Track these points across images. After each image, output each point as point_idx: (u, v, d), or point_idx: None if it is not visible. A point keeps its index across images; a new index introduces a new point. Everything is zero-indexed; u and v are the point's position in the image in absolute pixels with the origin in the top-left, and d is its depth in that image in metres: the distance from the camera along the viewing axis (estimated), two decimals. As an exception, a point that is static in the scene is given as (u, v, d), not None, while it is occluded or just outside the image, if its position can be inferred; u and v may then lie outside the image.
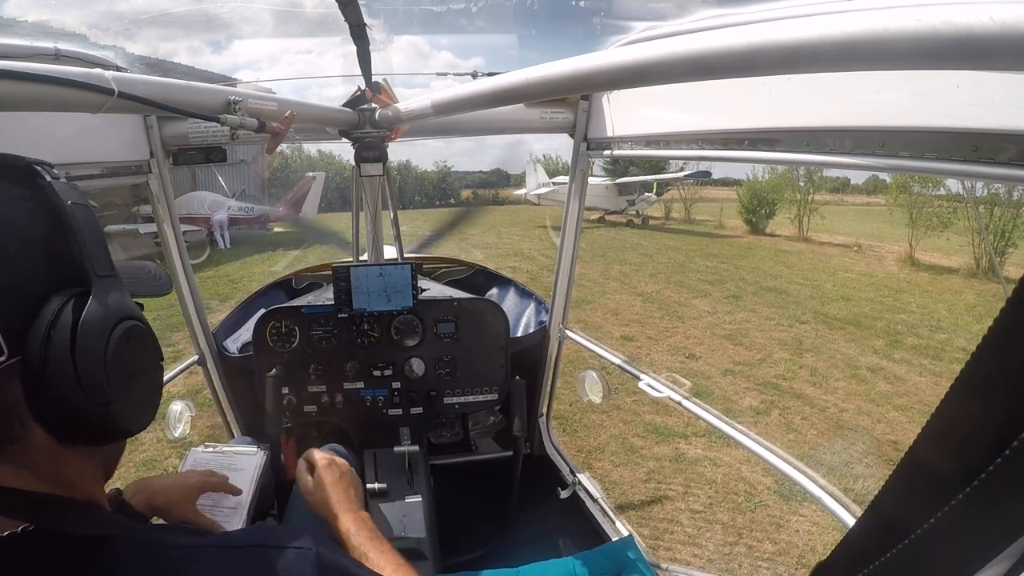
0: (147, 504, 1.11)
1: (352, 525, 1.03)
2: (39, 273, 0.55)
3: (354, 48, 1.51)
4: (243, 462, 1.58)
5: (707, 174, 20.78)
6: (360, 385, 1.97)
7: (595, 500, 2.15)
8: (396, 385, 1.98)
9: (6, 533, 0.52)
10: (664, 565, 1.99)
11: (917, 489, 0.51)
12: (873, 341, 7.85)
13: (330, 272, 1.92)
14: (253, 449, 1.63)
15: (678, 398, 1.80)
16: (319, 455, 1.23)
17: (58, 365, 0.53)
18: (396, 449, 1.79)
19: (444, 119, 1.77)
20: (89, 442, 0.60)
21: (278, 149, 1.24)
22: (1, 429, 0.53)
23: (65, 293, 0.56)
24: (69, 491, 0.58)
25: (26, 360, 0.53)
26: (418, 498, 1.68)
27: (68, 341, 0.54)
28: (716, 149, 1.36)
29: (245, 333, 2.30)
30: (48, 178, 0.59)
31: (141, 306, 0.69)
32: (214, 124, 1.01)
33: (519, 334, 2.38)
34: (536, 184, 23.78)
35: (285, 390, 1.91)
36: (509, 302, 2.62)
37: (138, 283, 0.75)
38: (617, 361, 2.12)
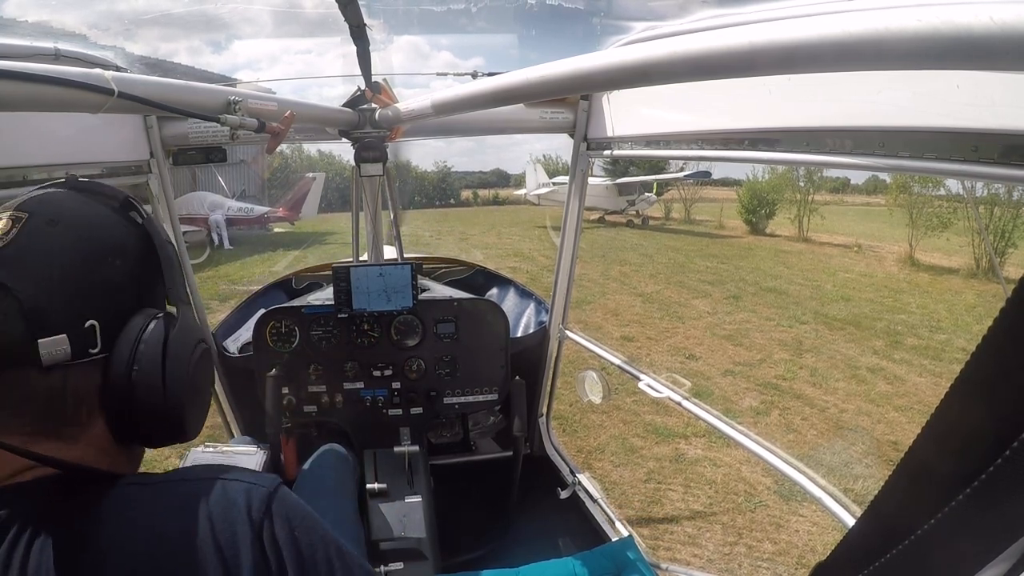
0: None
1: None
2: (131, 289, 0.64)
3: (354, 48, 1.51)
4: (243, 462, 1.58)
5: (707, 174, 20.78)
6: (360, 385, 1.97)
7: (595, 500, 2.15)
8: (396, 385, 1.98)
9: (39, 476, 0.58)
10: (664, 565, 1.99)
11: (917, 489, 0.51)
12: (873, 341, 7.85)
13: (330, 272, 1.92)
14: (253, 449, 1.63)
15: (678, 398, 1.80)
16: None
17: (147, 370, 0.61)
18: (396, 449, 1.79)
19: (444, 119, 1.77)
20: (149, 443, 0.67)
21: (278, 149, 1.24)
22: (69, 411, 0.59)
23: (147, 314, 0.64)
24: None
25: (111, 359, 0.60)
26: (418, 498, 1.68)
27: (160, 352, 0.63)
28: (716, 149, 1.36)
29: (245, 333, 2.30)
30: (144, 215, 0.69)
31: None
32: (214, 124, 1.01)
33: (519, 334, 2.38)
34: (536, 184, 23.79)
35: (285, 390, 1.91)
36: (509, 302, 2.62)
37: None
38: (617, 361, 2.11)
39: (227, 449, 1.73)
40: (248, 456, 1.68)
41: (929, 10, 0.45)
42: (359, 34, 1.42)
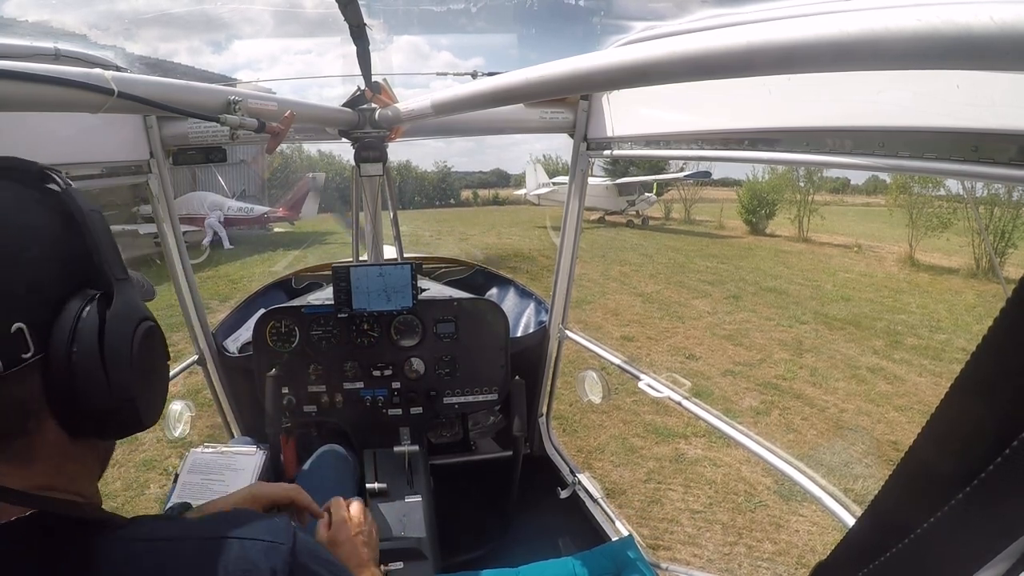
0: None
1: None
2: (58, 275, 0.58)
3: (354, 48, 1.52)
4: (242, 462, 1.58)
5: (707, 174, 20.78)
6: (360, 385, 1.97)
7: (595, 500, 2.15)
8: (396, 385, 1.98)
9: (13, 519, 0.54)
10: (664, 565, 1.99)
11: (917, 489, 0.51)
12: (873, 341, 7.85)
13: (330, 272, 1.92)
14: (252, 449, 1.63)
15: (678, 398, 1.80)
16: (343, 509, 1.14)
17: (86, 362, 0.56)
18: (396, 449, 1.79)
19: (444, 119, 1.77)
20: (104, 436, 0.63)
21: (278, 149, 1.24)
22: (16, 425, 0.54)
23: (83, 295, 0.58)
24: (68, 486, 0.59)
25: (49, 357, 0.55)
26: (418, 498, 1.68)
27: (96, 339, 0.56)
28: (716, 149, 1.36)
29: (245, 333, 2.30)
30: (62, 184, 0.61)
31: None
32: (214, 124, 1.01)
33: (519, 334, 2.38)
34: (536, 184, 23.78)
35: (285, 390, 1.91)
36: (509, 302, 2.62)
37: None
38: (617, 361, 2.11)
39: (227, 450, 1.73)
40: (248, 456, 1.68)
41: (929, 10, 0.45)
42: (359, 34, 1.42)
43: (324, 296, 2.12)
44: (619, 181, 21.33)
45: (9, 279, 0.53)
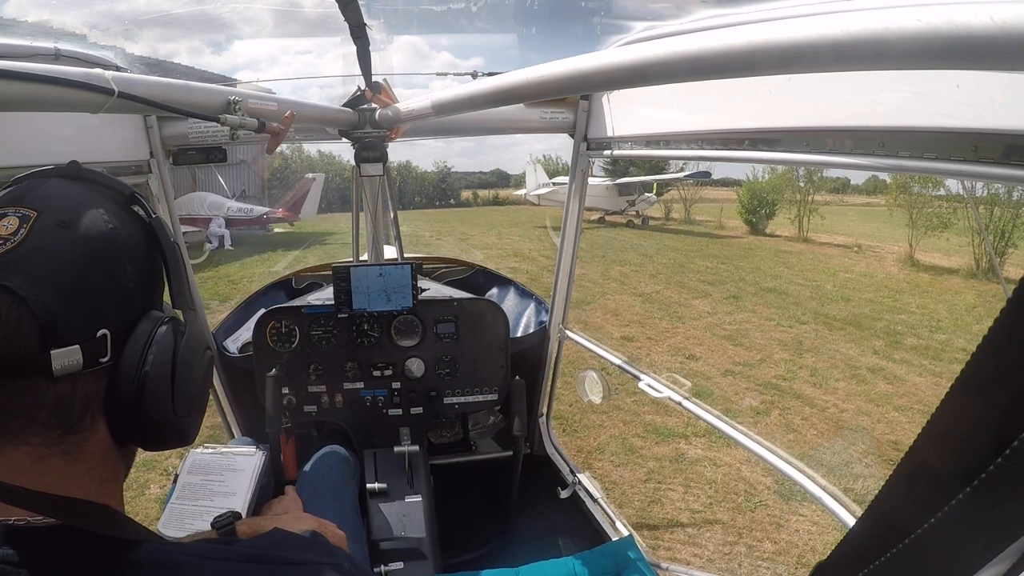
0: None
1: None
2: (139, 294, 0.62)
3: (354, 48, 1.52)
4: (242, 463, 1.58)
5: (707, 174, 20.80)
6: (360, 385, 1.96)
7: (595, 500, 2.15)
8: (396, 385, 1.98)
9: (39, 523, 0.54)
10: (664, 565, 1.99)
11: (917, 489, 0.51)
12: (873, 341, 7.85)
13: (330, 272, 1.92)
14: (252, 450, 1.63)
15: (678, 398, 1.80)
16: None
17: (156, 378, 0.60)
18: (396, 449, 1.79)
19: (444, 119, 1.77)
20: (149, 446, 0.66)
21: (278, 149, 1.24)
22: (76, 417, 0.57)
23: (153, 317, 0.62)
24: (99, 494, 0.61)
25: (119, 365, 0.58)
26: (418, 498, 1.68)
27: (170, 359, 0.61)
28: (716, 149, 1.36)
29: (245, 333, 2.30)
30: (150, 213, 0.67)
31: None
32: (214, 124, 1.01)
33: (519, 334, 2.38)
34: (536, 184, 23.80)
35: (285, 390, 1.91)
36: (509, 302, 2.62)
37: None
38: (617, 361, 2.11)
39: (226, 450, 1.73)
40: (247, 457, 1.67)
41: (929, 10, 0.45)
42: (359, 34, 1.42)
43: (324, 296, 2.12)
44: (619, 181, 21.33)
45: (106, 286, 0.58)
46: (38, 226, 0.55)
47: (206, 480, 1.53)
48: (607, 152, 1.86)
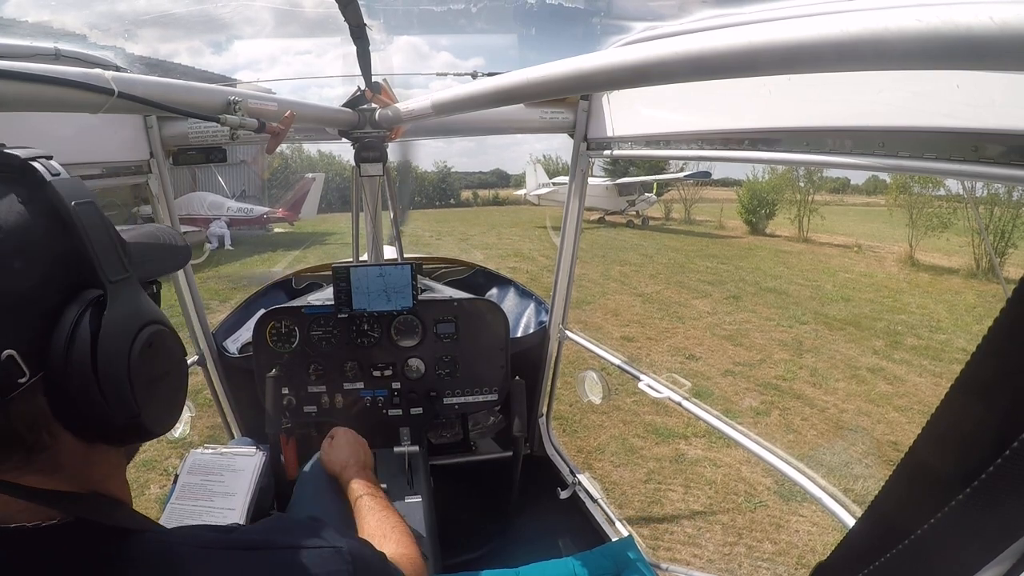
0: None
1: (356, 484, 1.23)
2: (50, 285, 0.52)
3: (354, 48, 1.52)
4: (242, 463, 1.58)
5: (707, 174, 20.81)
6: (360, 385, 1.96)
7: (595, 500, 2.15)
8: (396, 385, 1.98)
9: (48, 523, 0.54)
10: (664, 565, 1.99)
11: (917, 489, 0.51)
12: (873, 342, 7.85)
13: (330, 272, 1.92)
14: (252, 450, 1.63)
15: (678, 399, 1.80)
16: (339, 428, 1.48)
17: (82, 380, 0.52)
18: (396, 449, 1.79)
19: (444, 119, 1.77)
20: (118, 444, 0.61)
21: (278, 149, 1.24)
22: (31, 440, 0.52)
23: (81, 300, 0.53)
24: (99, 486, 0.59)
25: (49, 375, 0.51)
26: (418, 498, 1.68)
27: (89, 356, 0.52)
28: (716, 149, 1.36)
29: (245, 333, 2.30)
30: (48, 175, 0.55)
31: (158, 286, 0.69)
32: (214, 124, 1.01)
33: (519, 334, 2.38)
34: (536, 184, 23.82)
35: (285, 390, 1.91)
36: (509, 302, 2.62)
37: (154, 260, 0.72)
38: (617, 362, 2.11)
39: (226, 450, 1.73)
40: (247, 458, 1.68)
41: (929, 10, 0.45)
42: (359, 34, 1.42)
43: (324, 296, 2.12)
44: (619, 181, 21.35)
45: None
46: None
47: (206, 480, 1.53)
48: (607, 152, 1.86)
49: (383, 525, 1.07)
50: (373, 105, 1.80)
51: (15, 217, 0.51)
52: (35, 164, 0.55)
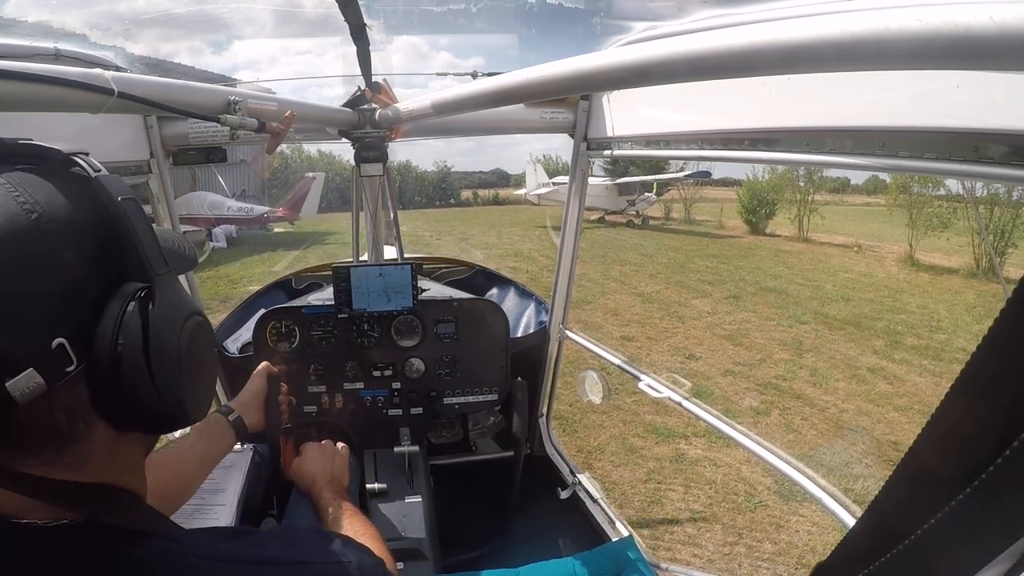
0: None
1: (324, 498, 1.24)
2: (96, 276, 0.54)
3: (354, 48, 1.52)
4: (231, 459, 1.58)
5: (707, 174, 20.82)
6: (360, 385, 1.96)
7: (595, 500, 2.15)
8: (396, 385, 1.98)
9: (62, 521, 0.54)
10: (664, 565, 1.99)
11: (917, 489, 0.51)
12: (873, 341, 7.85)
13: (330, 272, 1.92)
14: (241, 447, 1.63)
15: (678, 399, 1.80)
16: (307, 444, 1.44)
17: (132, 368, 0.53)
18: (396, 449, 1.79)
19: (444, 119, 1.77)
20: (153, 432, 0.63)
21: (278, 149, 1.24)
22: (69, 432, 0.53)
23: (123, 294, 0.54)
24: (117, 478, 0.60)
25: (93, 365, 0.52)
26: (418, 498, 1.68)
27: (141, 344, 0.54)
28: (716, 149, 1.36)
29: (245, 333, 2.30)
30: (92, 171, 0.57)
31: None
32: (214, 124, 1.01)
33: (519, 334, 2.38)
34: (536, 184, 23.82)
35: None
36: (509, 302, 2.62)
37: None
38: (617, 361, 2.11)
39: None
40: (236, 454, 1.67)
41: (929, 10, 0.45)
42: (359, 34, 1.42)
43: (324, 296, 2.11)
44: (619, 181, 21.35)
45: (46, 291, 0.49)
46: None
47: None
48: (607, 152, 1.85)
49: (353, 532, 1.11)
50: (373, 105, 1.79)
51: (65, 211, 0.52)
52: (78, 160, 0.57)
